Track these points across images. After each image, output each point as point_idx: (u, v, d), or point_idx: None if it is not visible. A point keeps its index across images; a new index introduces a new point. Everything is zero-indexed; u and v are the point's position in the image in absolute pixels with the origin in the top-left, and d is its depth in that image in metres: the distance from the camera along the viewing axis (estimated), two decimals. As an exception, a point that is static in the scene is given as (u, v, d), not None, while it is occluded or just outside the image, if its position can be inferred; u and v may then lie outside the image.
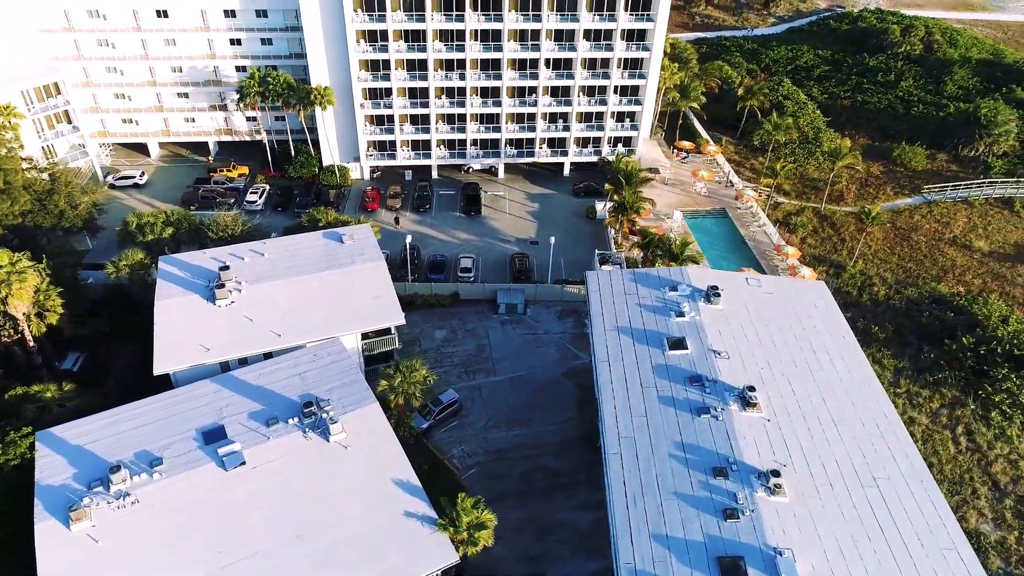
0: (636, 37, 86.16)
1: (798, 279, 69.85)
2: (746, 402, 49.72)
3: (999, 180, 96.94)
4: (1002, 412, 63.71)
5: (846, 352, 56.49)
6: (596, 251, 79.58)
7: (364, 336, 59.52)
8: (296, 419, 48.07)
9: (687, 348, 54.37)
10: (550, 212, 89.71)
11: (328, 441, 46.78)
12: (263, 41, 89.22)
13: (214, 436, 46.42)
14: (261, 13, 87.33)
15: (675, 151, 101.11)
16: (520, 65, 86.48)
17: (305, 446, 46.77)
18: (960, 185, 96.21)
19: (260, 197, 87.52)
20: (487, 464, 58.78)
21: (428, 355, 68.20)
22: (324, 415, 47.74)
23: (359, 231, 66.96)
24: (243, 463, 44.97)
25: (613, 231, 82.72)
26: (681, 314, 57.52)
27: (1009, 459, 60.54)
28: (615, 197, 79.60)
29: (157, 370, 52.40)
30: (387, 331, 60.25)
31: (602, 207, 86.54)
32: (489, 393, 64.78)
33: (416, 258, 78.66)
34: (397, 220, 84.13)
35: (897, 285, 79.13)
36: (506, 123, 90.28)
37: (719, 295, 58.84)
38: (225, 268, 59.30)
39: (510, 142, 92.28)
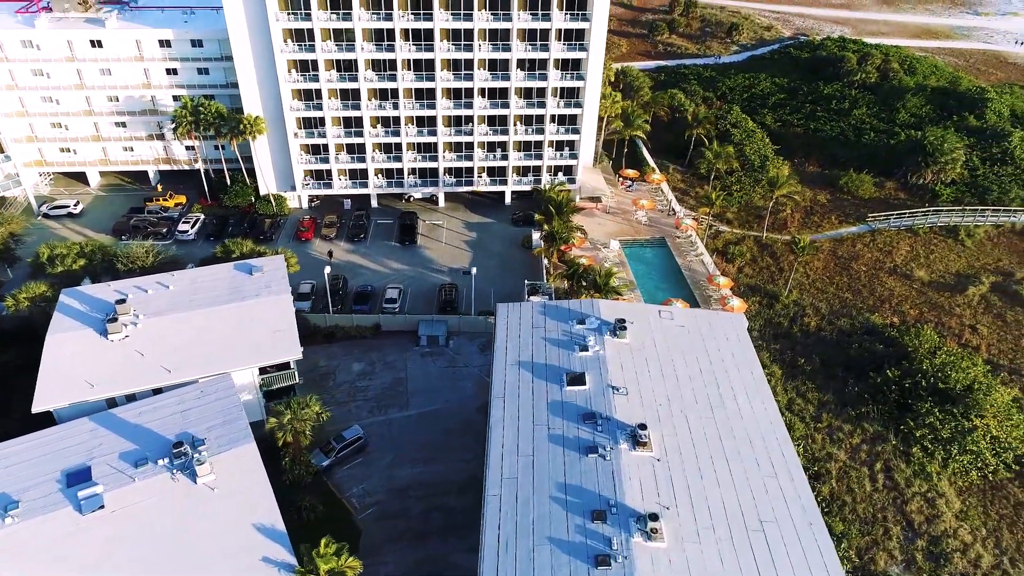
0: (571, 67, 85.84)
1: (715, 311, 68.56)
2: (636, 441, 48.22)
3: (945, 208, 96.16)
4: (924, 448, 62.12)
5: (752, 388, 55.04)
6: (526, 281, 78.47)
7: (263, 371, 58.16)
8: (167, 460, 46.56)
9: (585, 384, 52.97)
10: (487, 241, 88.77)
11: (195, 483, 45.25)
12: (199, 71, 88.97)
13: (78, 478, 44.90)
14: (196, 43, 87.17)
15: (620, 180, 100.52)
16: (455, 94, 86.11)
17: (172, 488, 45.24)
18: (905, 213, 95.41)
19: (192, 227, 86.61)
20: (387, 503, 57.05)
21: (342, 388, 66.87)
22: (194, 456, 46.24)
23: (271, 263, 65.95)
24: (102, 507, 43.38)
25: (546, 261, 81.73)
26: (585, 348, 56.21)
27: (926, 497, 58.79)
28: (545, 227, 78.67)
29: (36, 407, 51.07)
30: (286, 366, 58.86)
31: (538, 237, 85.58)
32: (399, 428, 63.24)
33: (342, 289, 77.57)
34: (331, 253, 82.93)
35: (831, 315, 77.90)
36: (443, 152, 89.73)
37: (625, 328, 57.55)
38: (121, 301, 58.13)
39: (449, 171, 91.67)
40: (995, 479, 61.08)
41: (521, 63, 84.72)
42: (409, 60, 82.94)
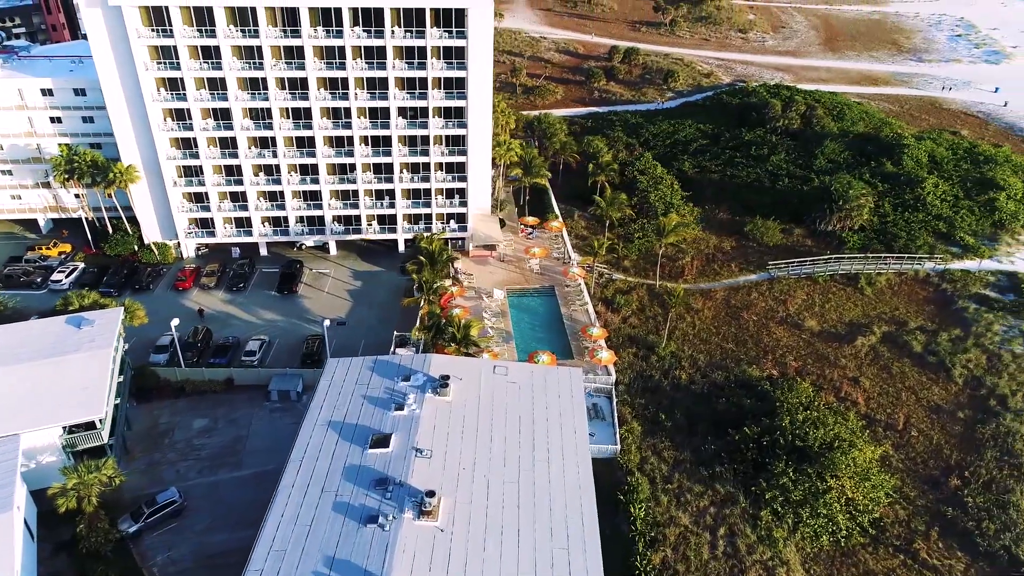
0: (454, 115, 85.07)
1: (553, 366, 65.96)
2: (422, 509, 45.41)
3: (847, 256, 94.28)
4: (774, 511, 59.01)
5: (570, 450, 52.33)
6: (395, 333, 76.28)
7: (71, 430, 55.60)
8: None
9: (389, 446, 50.34)
10: (372, 291, 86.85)
11: (-66, 557, 42.54)
12: (84, 119, 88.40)
13: None
14: (80, 92, 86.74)
15: (521, 227, 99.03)
16: (336, 142, 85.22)
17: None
18: (806, 261, 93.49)
19: (68, 276, 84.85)
20: (194, 572, 53.88)
21: (177, 447, 64.13)
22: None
23: (104, 316, 63.96)
24: None
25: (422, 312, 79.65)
26: (401, 407, 53.71)
27: (767, 565, 55.45)
28: (414, 277, 76.80)
29: None
30: (92, 425, 56.27)
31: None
32: (227, 490, 60.29)
33: (203, 341, 75.35)
34: (201, 312, 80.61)
35: (707, 368, 75.34)
36: (329, 200, 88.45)
37: (447, 386, 55.11)
38: (-77, 358, 55.99)
39: (338, 219, 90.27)
40: (848, 545, 57.83)
41: (402, 111, 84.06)
42: (287, 108, 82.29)
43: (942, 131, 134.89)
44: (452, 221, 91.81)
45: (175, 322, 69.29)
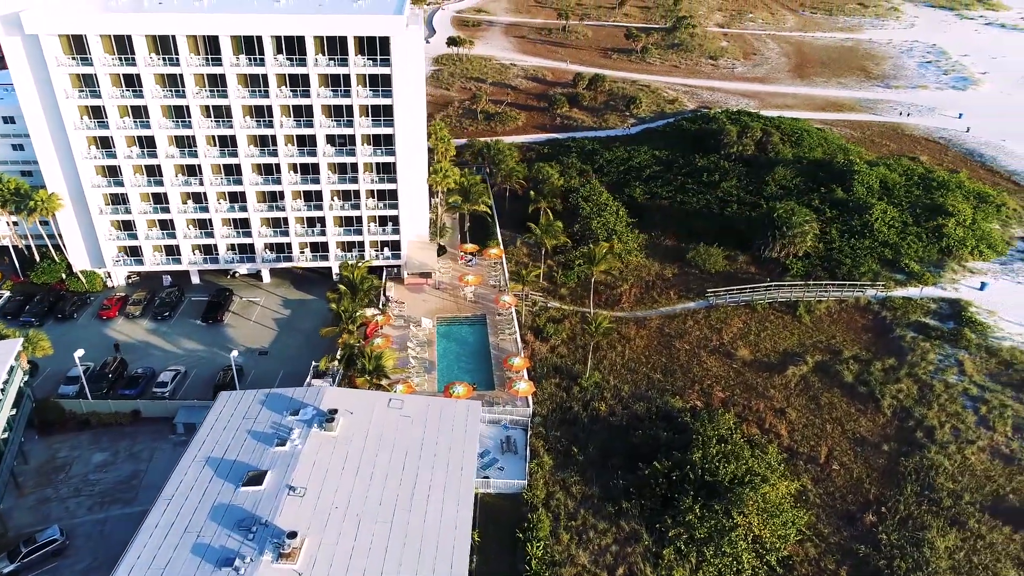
0: (383, 142, 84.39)
1: (452, 399, 64.34)
2: (281, 551, 43.66)
3: (787, 283, 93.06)
4: (677, 550, 57.08)
5: (453, 488, 50.67)
6: (313, 363, 74.73)
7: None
8: None
9: (262, 484, 48.71)
10: (300, 319, 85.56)
11: None
12: (14, 147, 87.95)
13: None
14: (8, 119, 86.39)
15: (461, 254, 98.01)
16: (265, 169, 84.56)
17: None
18: (746, 288, 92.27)
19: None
20: (67, 615, 52.06)
21: (71, 482, 62.43)
22: None
23: (1, 347, 62.49)
24: None
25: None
26: (283, 443, 52.15)
27: (664, 608, 53.52)
28: (332, 306, 75.55)
29: None
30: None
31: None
32: (115, 528, 58.36)
33: (114, 372, 73.91)
34: (116, 346, 79.00)
35: (630, 399, 73.71)
36: (260, 227, 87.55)
37: (333, 420, 53.59)
38: None
39: (269, 247, 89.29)
40: (753, 585, 55.86)
41: (330, 138, 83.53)
42: (213, 136, 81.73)
43: (901, 157, 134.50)
44: (386, 248, 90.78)
45: (79, 353, 67.81)
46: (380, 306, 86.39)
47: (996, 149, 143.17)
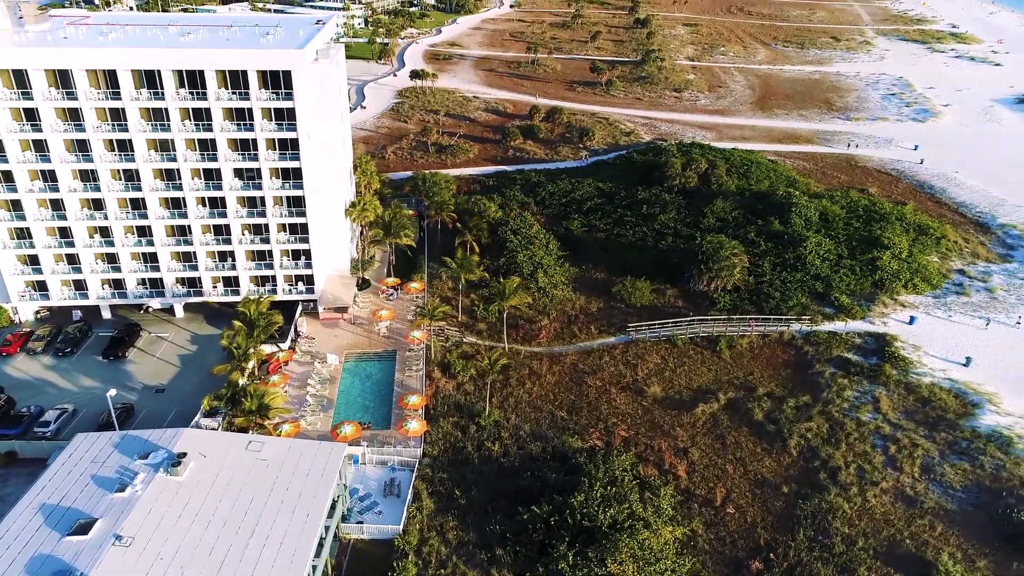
0: (292, 176, 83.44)
1: (313, 442, 62.09)
2: (85, 607, 41.48)
3: (710, 318, 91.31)
4: (546, 600, 54.54)
5: (294, 535, 48.43)
6: (205, 402, 72.72)
7: None
8: None
9: (88, 534, 46.57)
10: (206, 355, 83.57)
11: None
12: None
13: None
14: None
15: (382, 289, 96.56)
16: (173, 203, 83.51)
17: None
18: (667, 323, 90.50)
19: None
20: None
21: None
22: None
23: None
24: None
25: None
26: (124, 489, 50.10)
27: (521, 663, 50.84)
28: (223, 343, 73.80)
29: None
30: None
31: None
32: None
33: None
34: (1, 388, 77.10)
35: (528, 438, 71.48)
36: (170, 261, 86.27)
37: (179, 464, 51.58)
38: None
39: (181, 281, 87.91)
40: (623, 638, 53.22)
41: (238, 172, 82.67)
42: (117, 170, 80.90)
43: (849, 189, 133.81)
44: (300, 283, 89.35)
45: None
46: (290, 341, 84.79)
47: (947, 181, 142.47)
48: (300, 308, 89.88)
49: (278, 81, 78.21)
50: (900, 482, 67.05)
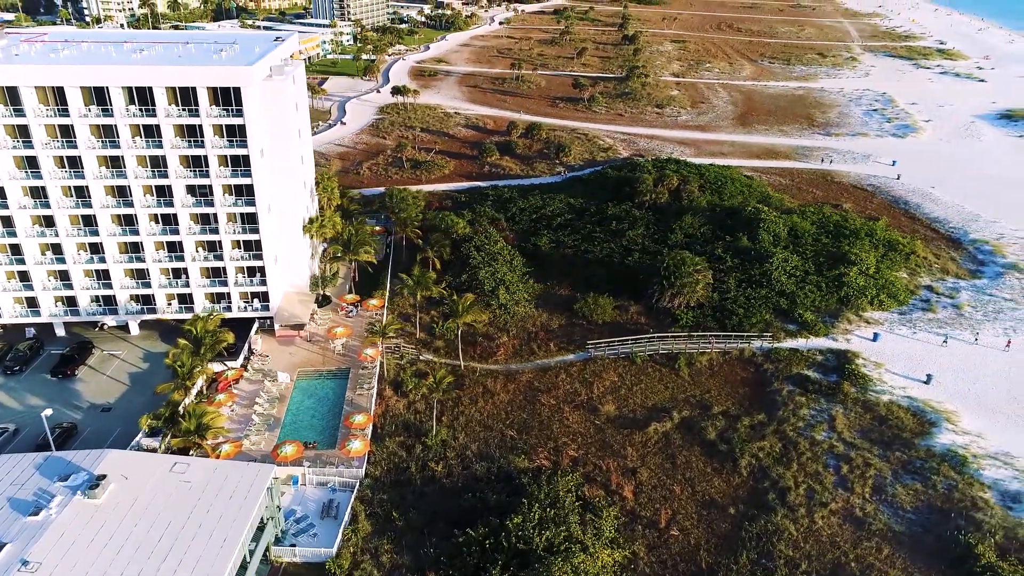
0: (245, 192, 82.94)
1: (240, 463, 60.57)
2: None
3: (670, 335, 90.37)
4: (475, 626, 53.27)
5: (208, 560, 47.26)
6: (146, 422, 71.68)
7: None
8: None
9: (-8, 559, 45.52)
10: (156, 374, 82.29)
11: None
12: None
13: None
14: None
15: (342, 306, 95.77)
16: (126, 220, 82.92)
17: None
18: (627, 340, 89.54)
19: None
20: None
21: None
22: None
23: None
24: None
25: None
26: (38, 512, 49.05)
27: None
28: (167, 361, 72.89)
29: None
30: None
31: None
32: None
33: (-62, 430, 71.10)
34: None
35: (474, 458, 70.33)
36: (123, 278, 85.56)
37: (98, 487, 50.56)
38: None
39: (135, 298, 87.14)
40: (551, 666, 51.86)
41: (190, 188, 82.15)
42: (68, 187, 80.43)
43: (824, 204, 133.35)
44: (256, 300, 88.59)
45: None
46: (242, 359, 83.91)
47: (923, 196, 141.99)
48: (256, 325, 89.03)
49: (228, 98, 77.86)
50: (850, 503, 65.81)
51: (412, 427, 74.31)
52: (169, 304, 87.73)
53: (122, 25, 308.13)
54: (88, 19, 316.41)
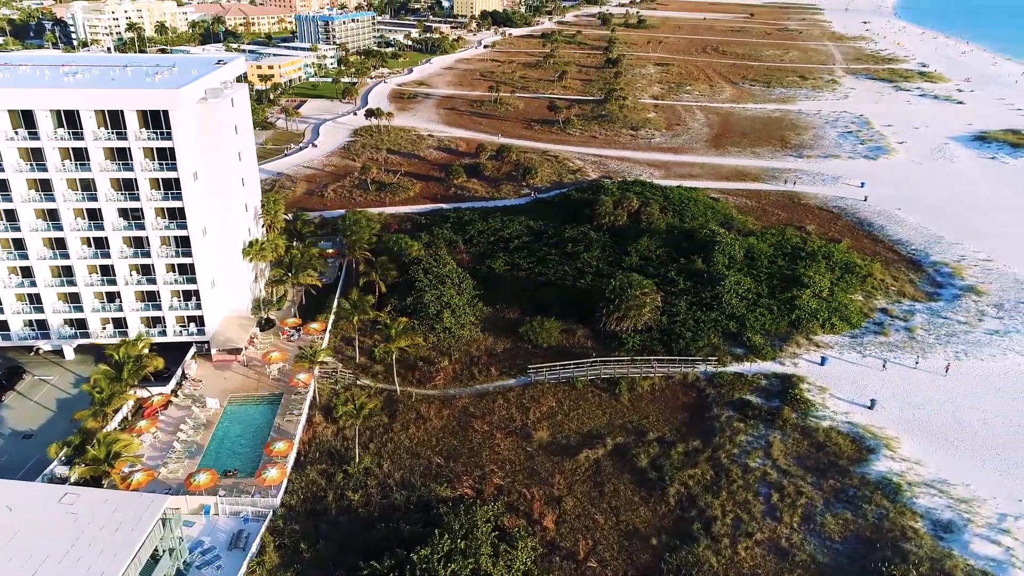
0: (178, 215, 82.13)
1: (132, 494, 59.01)
2: None
3: (612, 359, 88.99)
4: (369, 664, 51.36)
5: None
6: (51, 450, 69.94)
7: None
8: None
9: None
10: (86, 400, 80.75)
11: None
12: None
13: None
14: None
15: (283, 329, 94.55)
16: (57, 243, 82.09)
17: None
18: (568, 364, 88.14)
19: None
20: None
21: None
22: None
23: None
24: None
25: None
26: (-90, 545, 47.55)
27: None
28: (85, 387, 71.59)
29: None
30: None
31: (124, 395, 78.22)
32: None
33: None
34: None
35: (396, 487, 68.65)
36: (55, 302, 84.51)
37: (-25, 519, 49.12)
38: None
39: (69, 322, 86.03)
40: None
41: (122, 212, 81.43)
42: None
43: (787, 226, 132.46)
44: (192, 324, 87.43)
45: None
46: (174, 384, 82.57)
47: (888, 218, 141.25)
48: (193, 350, 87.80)
49: (158, 121, 77.39)
50: (776, 533, 64.02)
51: (337, 454, 72.76)
52: (104, 328, 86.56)
53: (109, 49, 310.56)
54: (75, 43, 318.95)
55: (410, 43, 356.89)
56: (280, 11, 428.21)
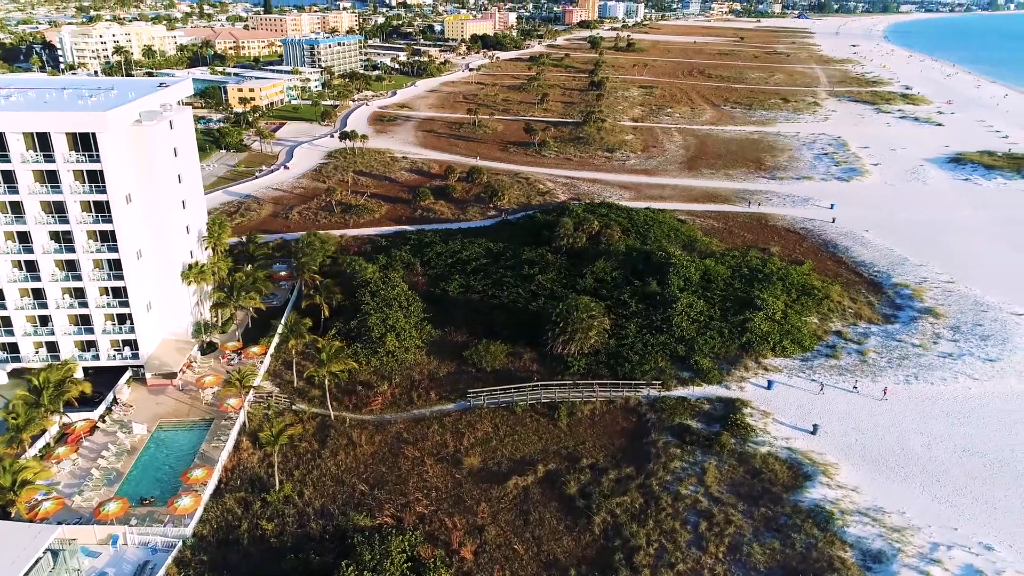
0: (111, 238, 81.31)
1: (17, 525, 57.18)
2: None
3: (554, 383, 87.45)
4: None
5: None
6: (-21, 476, 68.77)
7: None
8: None
9: None
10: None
11: None
12: None
13: None
14: None
15: (223, 353, 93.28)
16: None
17: None
18: (509, 388, 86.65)
19: None
20: None
21: None
22: None
23: None
24: None
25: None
26: None
27: None
28: (1, 414, 70.23)
29: None
30: None
31: (50, 420, 76.82)
32: None
33: None
34: None
35: (315, 515, 66.93)
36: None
37: None
38: None
39: (0, 346, 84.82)
40: None
41: (54, 235, 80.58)
42: (-74, 232, 78.99)
43: (750, 248, 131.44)
44: (127, 348, 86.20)
45: None
46: (103, 409, 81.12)
47: (854, 240, 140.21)
48: (128, 374, 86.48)
49: (88, 143, 76.85)
50: (700, 563, 62.15)
51: (259, 482, 71.13)
52: (36, 352, 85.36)
53: (96, 72, 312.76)
54: (63, 66, 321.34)
55: (397, 66, 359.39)
56: (271, 35, 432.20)
